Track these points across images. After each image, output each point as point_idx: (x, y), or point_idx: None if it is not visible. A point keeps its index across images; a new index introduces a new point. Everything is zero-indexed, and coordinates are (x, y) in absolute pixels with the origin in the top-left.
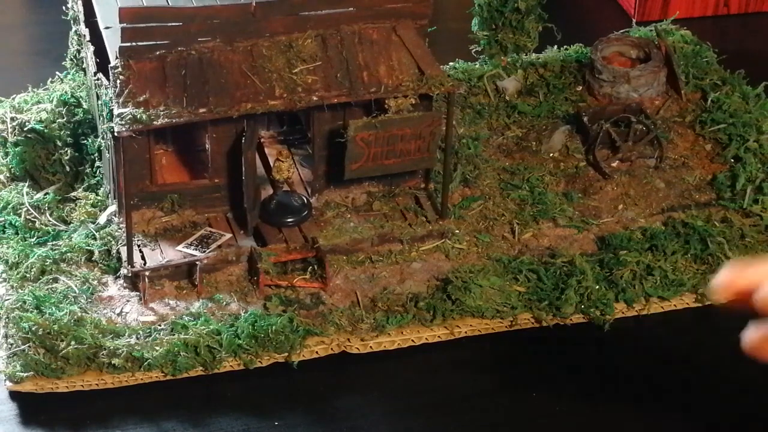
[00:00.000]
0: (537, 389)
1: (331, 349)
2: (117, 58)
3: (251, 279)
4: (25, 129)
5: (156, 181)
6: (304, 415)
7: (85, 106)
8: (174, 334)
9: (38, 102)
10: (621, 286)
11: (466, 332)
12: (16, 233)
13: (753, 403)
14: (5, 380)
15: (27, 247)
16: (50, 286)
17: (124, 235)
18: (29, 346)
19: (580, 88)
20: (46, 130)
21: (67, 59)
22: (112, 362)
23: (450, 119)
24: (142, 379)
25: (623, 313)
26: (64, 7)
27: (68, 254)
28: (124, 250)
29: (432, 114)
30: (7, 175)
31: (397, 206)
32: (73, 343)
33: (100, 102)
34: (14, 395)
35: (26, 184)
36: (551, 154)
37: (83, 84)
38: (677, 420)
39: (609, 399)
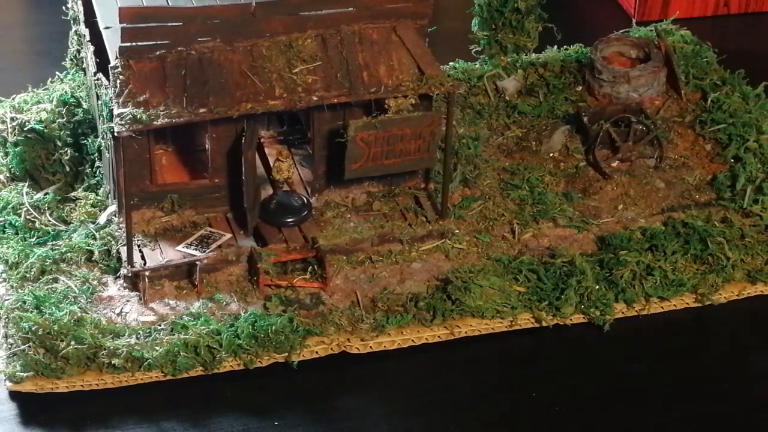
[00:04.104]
0: (537, 389)
1: (331, 349)
2: (117, 58)
3: (251, 279)
4: (25, 129)
5: (156, 181)
6: (304, 415)
7: (85, 106)
8: (174, 334)
9: (38, 102)
10: (621, 286)
11: (466, 332)
12: (16, 233)
13: (753, 404)
14: (5, 380)
15: (27, 247)
16: (50, 286)
17: (124, 235)
18: (29, 346)
19: (580, 88)
20: (46, 130)
21: (67, 59)
22: (112, 362)
23: (450, 119)
24: (142, 379)
25: (623, 313)
26: (64, 7)
27: (68, 254)
28: (124, 250)
29: (432, 114)
30: (7, 175)
31: (397, 206)
32: (73, 343)
33: (100, 102)
34: (14, 395)
35: (26, 184)
36: (551, 154)
37: (83, 84)
38: (677, 420)
39: (609, 399)
